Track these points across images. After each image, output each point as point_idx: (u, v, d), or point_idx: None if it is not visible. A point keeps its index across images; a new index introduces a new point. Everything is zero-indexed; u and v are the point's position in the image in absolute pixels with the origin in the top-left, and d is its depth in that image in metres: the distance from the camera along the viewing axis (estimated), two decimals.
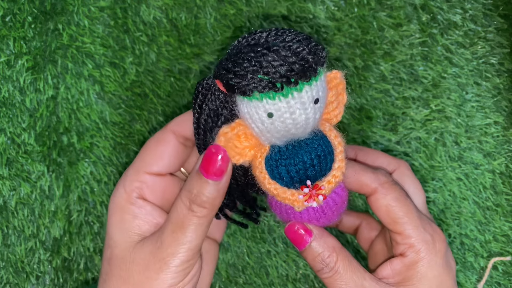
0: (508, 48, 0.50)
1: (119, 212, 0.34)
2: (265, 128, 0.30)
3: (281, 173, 0.32)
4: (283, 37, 0.30)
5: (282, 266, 0.49)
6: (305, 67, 0.28)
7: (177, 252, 0.32)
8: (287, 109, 0.29)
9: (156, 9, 0.49)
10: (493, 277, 0.49)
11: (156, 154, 0.35)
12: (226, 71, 0.29)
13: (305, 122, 0.30)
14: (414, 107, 0.50)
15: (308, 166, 0.31)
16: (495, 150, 0.50)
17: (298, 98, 0.29)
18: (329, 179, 0.32)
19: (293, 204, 0.32)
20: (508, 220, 0.49)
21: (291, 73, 0.28)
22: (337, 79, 0.33)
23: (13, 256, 0.48)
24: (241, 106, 0.30)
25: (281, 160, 0.31)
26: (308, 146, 0.31)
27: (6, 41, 0.48)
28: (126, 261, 0.33)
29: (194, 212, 0.31)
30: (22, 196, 0.48)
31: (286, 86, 0.28)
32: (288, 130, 0.30)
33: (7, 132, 0.48)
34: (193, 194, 0.31)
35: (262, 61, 0.28)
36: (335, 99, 0.33)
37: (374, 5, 0.50)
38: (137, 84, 0.49)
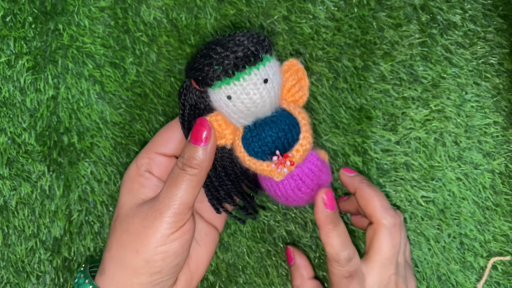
0: (507, 48, 0.50)
1: (129, 182, 0.41)
2: (230, 110, 0.36)
3: (254, 149, 0.37)
4: (234, 35, 0.37)
5: (282, 266, 0.49)
6: (247, 53, 0.35)
7: (171, 204, 0.37)
8: (242, 90, 0.35)
9: (156, 9, 0.49)
10: (493, 277, 0.49)
11: (165, 137, 0.41)
12: (190, 69, 0.37)
13: (261, 100, 0.36)
14: (414, 107, 0.50)
15: (274, 139, 0.37)
16: (494, 150, 0.50)
17: (248, 80, 0.35)
18: (296, 147, 0.37)
19: (271, 174, 0.37)
20: (508, 220, 0.49)
21: (236, 60, 0.35)
22: (295, 65, 0.39)
23: (14, 255, 0.48)
24: (211, 97, 0.37)
25: (252, 137, 0.37)
26: (273, 122, 0.37)
27: (7, 41, 0.48)
28: (128, 216, 0.39)
29: (186, 171, 0.37)
30: (23, 196, 0.48)
31: (236, 71, 0.35)
32: (249, 109, 0.36)
33: (7, 132, 0.48)
34: (185, 158, 0.37)
35: (212, 54, 0.35)
36: (296, 83, 0.39)
37: (374, 6, 0.50)
38: (137, 84, 0.49)
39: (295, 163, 0.37)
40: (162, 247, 0.37)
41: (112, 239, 0.39)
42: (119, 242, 0.38)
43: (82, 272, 0.40)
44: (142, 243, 0.37)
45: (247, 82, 0.35)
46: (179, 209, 0.37)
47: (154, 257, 0.37)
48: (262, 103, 0.36)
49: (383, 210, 0.43)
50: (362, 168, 0.49)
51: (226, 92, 0.36)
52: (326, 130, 0.49)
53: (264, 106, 0.37)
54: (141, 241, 0.37)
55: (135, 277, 0.37)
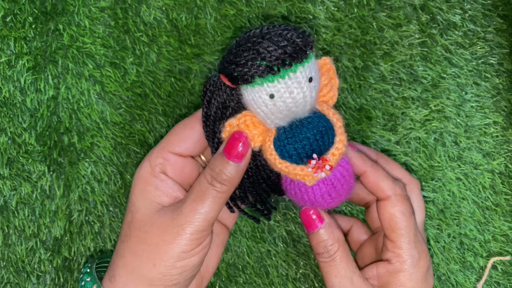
0: (507, 49, 0.50)
1: (142, 183, 0.38)
2: (269, 110, 0.34)
3: (289, 151, 0.35)
4: (275, 28, 0.34)
5: (282, 265, 0.49)
6: (296, 49, 0.32)
7: (194, 220, 0.35)
8: (286, 89, 0.33)
9: (156, 10, 0.49)
10: (493, 277, 0.49)
11: (181, 136, 0.38)
12: (228, 64, 0.33)
13: (304, 100, 0.34)
14: (414, 107, 0.50)
15: (312, 141, 0.35)
16: (494, 150, 0.50)
17: (294, 78, 0.33)
18: (333, 151, 0.35)
19: (304, 179, 0.35)
20: (508, 220, 0.49)
21: (284, 55, 0.32)
22: (327, 64, 0.36)
23: (14, 255, 0.48)
24: (246, 95, 0.34)
25: (287, 139, 0.35)
26: (310, 123, 0.35)
27: (7, 41, 0.48)
28: (146, 224, 0.36)
29: (215, 186, 0.35)
30: (23, 195, 0.48)
31: (282, 68, 0.32)
32: (289, 109, 0.34)
33: (7, 132, 0.48)
34: (215, 171, 0.35)
35: (258, 48, 0.32)
36: (328, 83, 0.37)
37: (373, 6, 0.50)
38: (137, 84, 0.49)
39: (333, 167, 0.35)
40: (180, 262, 0.35)
41: (126, 246, 0.37)
42: (135, 252, 0.36)
43: (89, 274, 0.39)
44: (160, 257, 0.35)
45: (292, 80, 0.33)
46: (202, 227, 0.35)
47: (172, 271, 0.35)
48: (304, 103, 0.34)
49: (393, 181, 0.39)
50: None
51: (268, 91, 0.33)
52: None
53: (305, 107, 0.34)
54: (160, 255, 0.35)
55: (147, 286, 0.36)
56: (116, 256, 0.38)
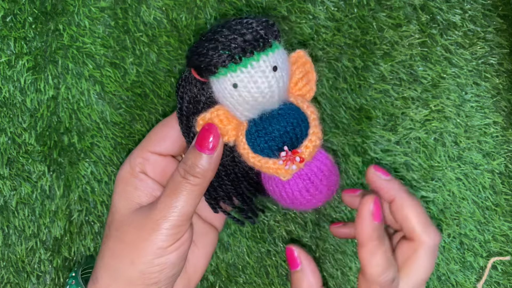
0: (507, 49, 0.50)
1: (123, 183, 0.38)
2: (235, 101, 0.33)
3: (260, 145, 0.34)
4: (238, 18, 0.34)
5: (282, 265, 0.49)
6: (257, 37, 0.32)
7: (169, 215, 0.35)
8: (249, 78, 0.33)
9: (156, 10, 0.49)
10: (493, 277, 0.49)
11: (160, 135, 0.38)
12: (193, 56, 0.33)
13: (269, 90, 0.33)
14: (414, 107, 0.50)
15: (282, 133, 0.34)
16: (494, 150, 0.50)
17: (257, 67, 0.32)
18: (305, 143, 0.34)
19: (277, 173, 0.34)
20: (507, 220, 0.49)
21: (244, 43, 0.32)
22: (302, 57, 0.36)
23: (14, 255, 0.48)
24: (214, 88, 0.34)
25: (258, 132, 0.34)
26: (280, 115, 0.34)
27: (7, 41, 0.48)
28: (124, 224, 0.36)
29: (188, 180, 0.35)
30: (23, 196, 0.48)
31: (244, 57, 0.32)
32: (256, 99, 0.33)
33: (7, 132, 0.48)
34: (187, 165, 0.35)
35: (218, 37, 0.32)
36: (303, 76, 0.36)
37: (373, 6, 0.50)
38: (137, 84, 0.49)
39: (305, 159, 0.34)
40: (158, 259, 0.35)
41: (105, 246, 0.37)
42: (113, 252, 0.36)
43: (74, 278, 0.39)
44: (138, 255, 0.35)
45: (255, 69, 0.32)
46: (178, 221, 0.35)
47: (151, 269, 0.35)
48: (270, 93, 0.33)
49: (426, 226, 0.37)
50: (362, 168, 0.49)
51: (231, 81, 0.33)
52: (326, 130, 0.49)
53: (272, 97, 0.34)
54: (137, 253, 0.35)
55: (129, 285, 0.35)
56: (98, 258, 0.38)
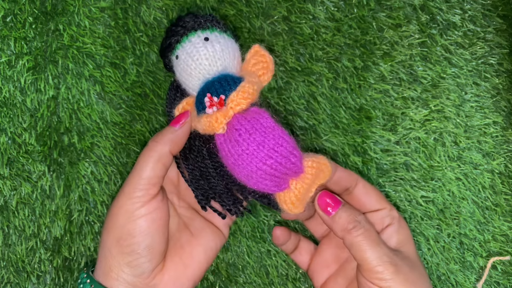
0: (507, 49, 0.50)
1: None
2: (183, 73, 0.40)
3: (198, 107, 0.40)
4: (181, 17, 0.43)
5: (282, 265, 0.49)
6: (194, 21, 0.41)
7: (133, 180, 0.39)
8: (186, 49, 0.40)
9: (156, 10, 0.49)
10: (492, 277, 0.49)
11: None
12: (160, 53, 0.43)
13: (204, 57, 0.40)
14: (414, 107, 0.50)
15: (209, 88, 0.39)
16: (494, 150, 0.50)
17: (193, 41, 0.40)
18: (232, 94, 0.37)
19: (212, 126, 0.37)
20: (507, 220, 0.49)
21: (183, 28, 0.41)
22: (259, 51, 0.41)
23: (14, 255, 0.48)
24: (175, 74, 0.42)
25: (198, 96, 0.40)
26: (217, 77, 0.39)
27: (7, 41, 0.48)
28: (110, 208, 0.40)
29: (148, 146, 0.39)
30: (23, 195, 0.48)
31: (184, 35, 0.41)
32: (195, 67, 0.40)
33: (8, 132, 0.48)
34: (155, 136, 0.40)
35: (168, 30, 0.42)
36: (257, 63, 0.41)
37: (373, 6, 0.50)
38: (137, 85, 0.49)
39: (229, 104, 0.37)
40: (128, 224, 0.38)
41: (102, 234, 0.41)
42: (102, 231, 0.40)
43: (85, 272, 0.41)
44: (111, 222, 0.39)
45: (191, 43, 0.40)
46: (141, 184, 0.38)
47: (123, 236, 0.38)
48: (204, 60, 0.40)
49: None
50: (361, 168, 0.49)
51: (176, 55, 0.41)
52: (326, 130, 0.49)
53: (208, 64, 0.40)
54: (110, 220, 0.39)
55: (111, 258, 0.38)
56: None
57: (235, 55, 0.41)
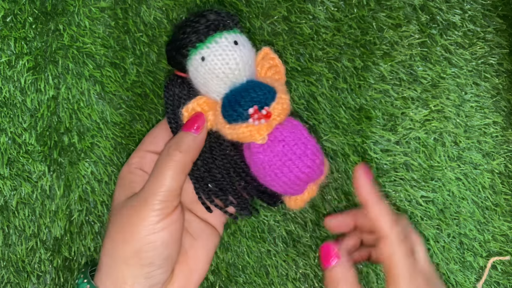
0: (507, 49, 0.50)
1: (121, 180, 0.42)
2: (207, 76, 0.38)
3: (232, 113, 0.37)
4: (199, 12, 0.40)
5: (282, 265, 0.49)
6: (219, 19, 0.38)
7: (156, 191, 0.37)
8: (214, 52, 0.37)
9: (156, 10, 0.49)
10: (492, 277, 0.49)
11: (153, 136, 0.42)
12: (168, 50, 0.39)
13: (234, 62, 0.38)
14: (414, 107, 0.50)
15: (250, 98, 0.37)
16: (494, 150, 0.50)
17: (220, 42, 0.38)
18: (273, 105, 0.37)
19: (252, 136, 0.37)
20: (507, 220, 0.49)
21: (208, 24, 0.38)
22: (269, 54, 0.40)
23: (14, 255, 0.48)
24: (190, 73, 0.39)
25: (229, 102, 0.38)
26: (248, 85, 0.38)
27: (7, 41, 0.48)
28: (118, 209, 0.39)
29: (172, 156, 0.37)
30: (23, 195, 0.48)
31: (209, 35, 0.38)
32: (224, 71, 0.38)
33: (8, 132, 0.48)
34: (172, 142, 0.38)
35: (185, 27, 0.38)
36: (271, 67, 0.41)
37: (373, 6, 0.50)
38: (137, 84, 0.49)
39: (273, 115, 0.37)
40: (150, 236, 0.36)
41: (106, 235, 0.39)
42: (110, 235, 0.38)
43: (83, 273, 0.40)
44: (130, 232, 0.37)
45: (219, 44, 0.38)
46: (165, 196, 0.37)
47: (144, 247, 0.36)
48: (235, 65, 0.38)
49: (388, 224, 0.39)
50: None
51: (199, 56, 0.38)
52: (326, 130, 0.49)
53: (238, 69, 0.38)
54: (129, 231, 0.37)
55: (126, 269, 0.37)
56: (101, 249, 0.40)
57: (254, 58, 0.40)
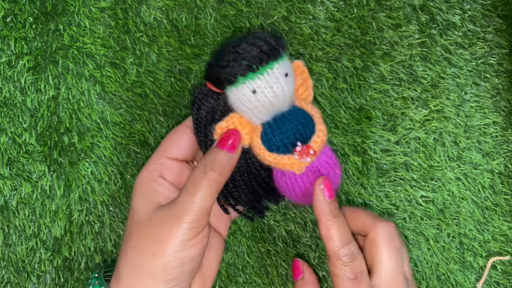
0: (507, 49, 0.50)
1: (142, 187, 0.40)
2: (253, 106, 0.37)
3: (276, 143, 0.38)
4: (250, 34, 0.38)
5: (282, 265, 0.49)
6: (271, 47, 0.36)
7: (190, 210, 0.36)
8: (266, 84, 0.36)
9: (156, 10, 0.49)
10: (492, 277, 0.49)
11: (174, 142, 0.41)
12: (212, 69, 0.37)
13: (283, 94, 0.37)
14: (413, 107, 0.50)
15: (295, 131, 0.38)
16: (494, 150, 0.50)
17: (272, 74, 0.36)
18: (315, 138, 0.38)
19: (292, 167, 0.38)
20: (507, 220, 0.50)
21: (261, 54, 0.36)
22: (300, 67, 0.40)
23: (14, 255, 0.48)
24: (231, 96, 0.37)
25: (273, 132, 0.38)
26: (291, 115, 0.38)
27: (7, 41, 0.48)
28: (146, 221, 0.38)
29: (206, 175, 0.37)
30: (23, 195, 0.48)
31: (260, 66, 0.36)
32: (271, 102, 0.37)
33: (8, 132, 0.48)
34: (207, 160, 0.37)
35: (237, 50, 0.36)
36: (303, 83, 0.40)
37: (373, 6, 0.50)
38: (137, 85, 0.49)
39: (316, 152, 0.38)
40: (180, 253, 0.36)
41: (129, 245, 0.38)
42: (137, 248, 0.38)
43: (97, 278, 0.39)
44: (160, 247, 0.36)
45: (270, 76, 0.36)
46: (197, 215, 0.36)
47: (172, 263, 0.36)
48: (283, 97, 0.37)
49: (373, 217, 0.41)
50: (361, 168, 0.49)
51: (250, 88, 0.36)
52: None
53: (285, 100, 0.37)
54: (159, 247, 0.36)
55: (152, 284, 0.36)
56: (119, 256, 0.39)
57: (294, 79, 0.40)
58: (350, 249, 0.38)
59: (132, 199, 0.40)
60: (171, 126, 0.49)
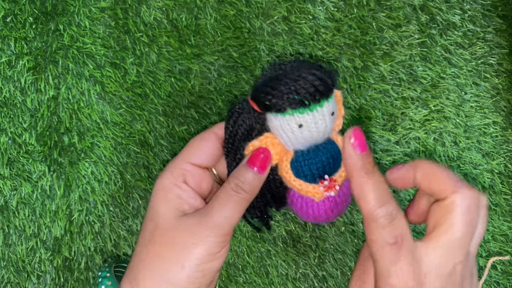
0: (506, 49, 0.50)
1: (165, 191, 0.40)
2: (294, 137, 0.38)
3: (305, 172, 0.39)
4: (305, 65, 0.39)
5: (282, 265, 0.49)
6: (325, 87, 0.37)
7: (222, 225, 0.37)
8: (313, 120, 0.37)
9: (156, 10, 0.49)
10: (492, 277, 0.49)
11: (198, 148, 0.41)
12: (264, 93, 0.37)
13: (324, 130, 0.38)
14: (413, 107, 0.50)
15: (325, 164, 0.39)
16: (493, 150, 0.50)
17: (320, 111, 0.37)
18: (339, 173, 0.39)
19: (314, 196, 0.39)
20: (507, 220, 0.49)
21: (317, 93, 0.36)
22: (337, 96, 0.40)
23: (14, 255, 0.48)
24: (274, 121, 0.38)
25: (305, 161, 0.39)
26: (324, 149, 0.39)
27: (7, 41, 0.48)
28: (171, 229, 0.38)
29: (239, 193, 0.38)
30: (23, 195, 0.48)
31: (313, 103, 0.36)
32: (312, 137, 0.38)
33: (8, 132, 0.48)
34: (240, 180, 0.38)
35: (295, 84, 0.37)
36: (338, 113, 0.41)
37: (373, 6, 0.50)
38: (137, 85, 0.49)
39: (340, 187, 0.39)
40: (205, 264, 0.37)
41: (150, 250, 0.38)
42: (161, 255, 0.38)
43: (109, 279, 0.40)
44: (188, 259, 0.37)
45: (319, 113, 0.37)
46: (228, 230, 0.37)
47: (196, 274, 0.37)
48: (324, 133, 0.38)
49: (457, 181, 0.34)
50: None
51: (297, 121, 0.37)
52: None
53: (324, 136, 0.39)
54: (188, 257, 0.37)
55: None
56: (138, 260, 0.39)
57: None
58: (388, 210, 0.34)
59: (152, 201, 0.40)
60: (171, 126, 0.49)
